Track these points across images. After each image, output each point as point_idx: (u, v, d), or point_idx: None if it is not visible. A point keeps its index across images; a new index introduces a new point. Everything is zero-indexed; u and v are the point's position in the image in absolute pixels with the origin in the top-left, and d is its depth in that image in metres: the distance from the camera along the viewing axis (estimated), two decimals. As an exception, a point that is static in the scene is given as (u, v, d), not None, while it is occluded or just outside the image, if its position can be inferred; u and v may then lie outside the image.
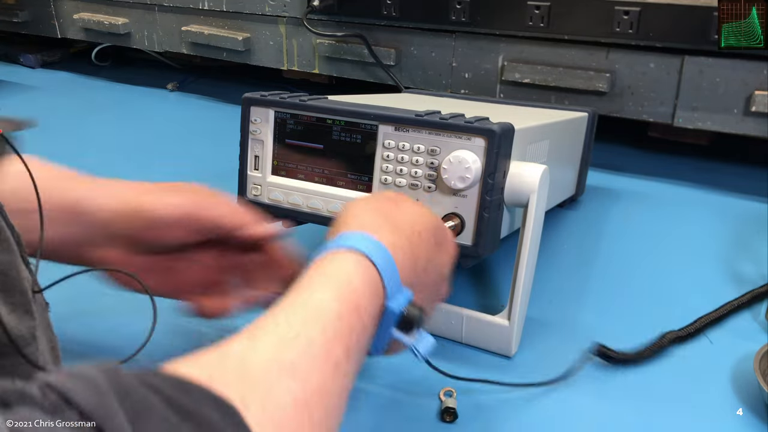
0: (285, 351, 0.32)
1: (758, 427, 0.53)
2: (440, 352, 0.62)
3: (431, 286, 0.48)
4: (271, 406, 0.29)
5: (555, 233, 0.85)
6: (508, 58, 1.07)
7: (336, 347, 0.35)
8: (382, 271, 0.40)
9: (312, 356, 0.33)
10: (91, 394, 0.24)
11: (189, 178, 0.56)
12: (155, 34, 1.48)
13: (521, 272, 0.59)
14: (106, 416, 0.24)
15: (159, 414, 0.25)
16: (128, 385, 0.26)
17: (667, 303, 0.70)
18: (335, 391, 0.34)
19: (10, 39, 1.86)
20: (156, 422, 0.25)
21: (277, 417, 0.29)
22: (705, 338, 0.64)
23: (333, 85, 1.48)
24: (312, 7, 1.18)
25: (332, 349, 0.34)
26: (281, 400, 0.30)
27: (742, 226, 0.87)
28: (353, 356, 0.36)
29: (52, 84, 1.63)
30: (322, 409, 0.32)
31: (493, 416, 0.54)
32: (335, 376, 0.34)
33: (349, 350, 0.36)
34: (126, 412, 0.24)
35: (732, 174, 1.05)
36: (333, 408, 0.34)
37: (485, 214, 0.56)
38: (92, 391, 0.24)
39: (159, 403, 0.26)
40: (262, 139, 0.65)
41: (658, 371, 0.60)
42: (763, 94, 0.89)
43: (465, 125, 0.56)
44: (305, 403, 0.31)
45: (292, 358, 0.32)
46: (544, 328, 0.65)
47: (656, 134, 1.13)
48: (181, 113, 1.42)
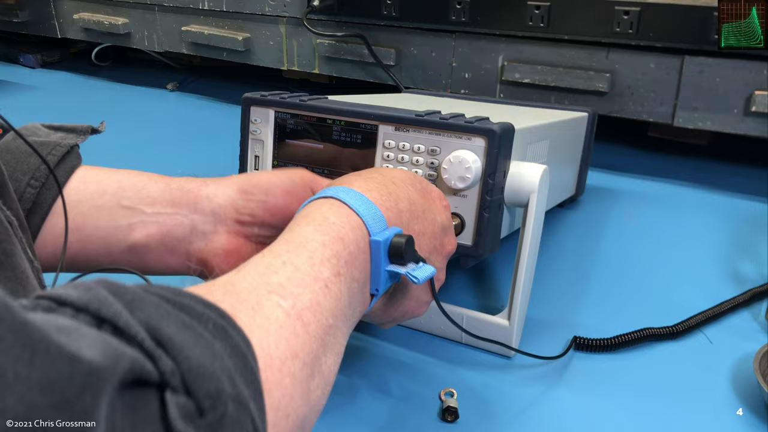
0: (272, 275, 0.33)
1: (758, 427, 0.53)
2: (440, 352, 0.62)
3: (429, 234, 0.48)
4: (260, 317, 0.30)
5: (555, 233, 0.85)
6: (508, 58, 1.07)
7: (324, 270, 0.36)
8: (356, 209, 0.41)
9: (300, 278, 0.34)
10: (83, 292, 0.24)
11: (189, 178, 0.56)
12: (155, 34, 1.48)
13: (521, 272, 0.59)
14: (101, 305, 0.24)
15: (153, 302, 0.26)
16: (120, 286, 0.26)
17: (667, 303, 0.70)
18: (329, 309, 0.35)
19: (10, 39, 1.86)
20: (151, 307, 0.25)
21: (266, 325, 0.30)
22: (705, 339, 0.64)
23: (333, 85, 1.48)
24: (312, 7, 1.18)
25: (320, 272, 0.35)
26: (271, 312, 0.31)
27: (742, 226, 0.87)
28: (344, 281, 0.37)
29: (52, 84, 1.64)
30: (317, 324, 0.33)
31: (494, 416, 0.54)
32: (327, 296, 0.35)
33: (339, 274, 0.36)
34: (121, 302, 0.24)
35: (732, 174, 1.05)
36: (329, 327, 0.34)
37: (485, 214, 0.56)
38: (84, 289, 0.24)
39: (153, 297, 0.26)
40: (262, 139, 0.66)
41: (658, 371, 0.60)
42: (763, 94, 0.89)
43: (465, 125, 0.56)
44: (297, 316, 0.32)
45: (279, 280, 0.33)
46: (544, 328, 0.65)
47: (656, 134, 1.14)
48: (181, 113, 1.42)
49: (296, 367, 0.31)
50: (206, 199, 0.51)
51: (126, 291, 0.25)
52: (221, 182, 0.53)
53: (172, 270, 0.52)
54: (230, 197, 0.52)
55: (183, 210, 0.51)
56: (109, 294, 0.24)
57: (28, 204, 0.47)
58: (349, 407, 0.55)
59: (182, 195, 0.51)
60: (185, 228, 0.51)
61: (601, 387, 0.58)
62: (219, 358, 0.26)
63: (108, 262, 0.50)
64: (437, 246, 0.49)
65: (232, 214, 0.51)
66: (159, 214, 0.50)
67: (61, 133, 0.52)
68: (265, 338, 0.30)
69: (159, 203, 0.51)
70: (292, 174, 0.53)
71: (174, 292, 0.27)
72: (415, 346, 0.62)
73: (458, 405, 0.54)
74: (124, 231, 0.50)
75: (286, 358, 0.30)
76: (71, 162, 0.51)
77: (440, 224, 0.49)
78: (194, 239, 0.51)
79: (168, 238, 0.51)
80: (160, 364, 0.23)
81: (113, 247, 0.50)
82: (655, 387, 0.58)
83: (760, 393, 0.55)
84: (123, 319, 0.24)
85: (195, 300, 0.28)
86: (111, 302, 0.24)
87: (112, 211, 0.50)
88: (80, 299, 0.23)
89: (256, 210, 0.51)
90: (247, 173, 0.54)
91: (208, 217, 0.51)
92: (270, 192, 0.52)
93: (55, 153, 0.49)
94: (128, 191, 0.50)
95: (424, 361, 0.61)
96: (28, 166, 0.48)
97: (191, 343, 0.25)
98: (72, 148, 0.51)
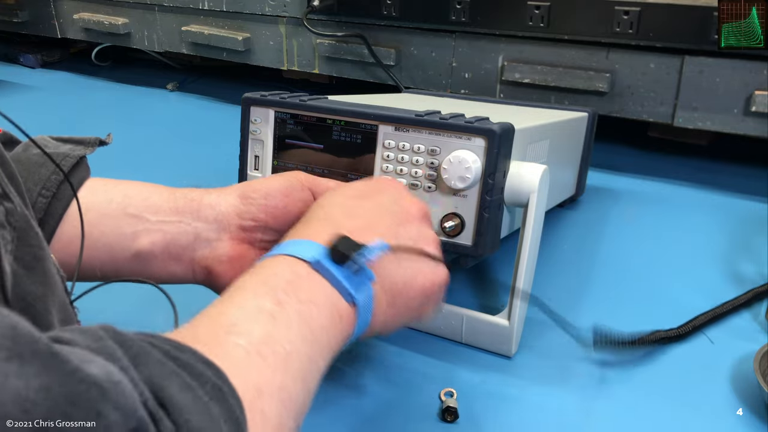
0: (222, 318, 0.35)
1: (758, 427, 0.53)
2: (440, 352, 0.62)
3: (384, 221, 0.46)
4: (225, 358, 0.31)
5: (555, 233, 0.85)
6: (508, 58, 1.07)
7: (264, 302, 0.36)
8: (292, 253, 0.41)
9: (245, 315, 0.35)
10: (92, 341, 0.25)
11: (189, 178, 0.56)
12: (155, 34, 1.48)
13: (521, 272, 0.59)
14: (110, 357, 0.24)
15: (157, 358, 0.27)
16: (126, 337, 0.27)
17: (667, 303, 0.70)
18: (283, 338, 0.35)
19: (10, 39, 1.86)
20: (155, 364, 0.26)
21: (233, 366, 0.31)
22: (706, 339, 0.64)
23: (333, 85, 1.48)
24: (312, 7, 1.18)
25: (262, 305, 0.36)
26: (232, 351, 0.32)
27: (742, 226, 0.87)
28: (290, 306, 0.37)
29: (52, 84, 1.63)
30: (274, 355, 0.34)
31: (494, 416, 0.54)
32: (277, 325, 0.35)
33: (280, 302, 0.37)
34: (126, 357, 0.25)
35: (732, 174, 1.05)
36: (288, 354, 0.35)
37: (485, 214, 0.56)
38: (93, 338, 0.25)
39: (157, 353, 0.27)
40: (262, 139, 0.66)
41: (658, 371, 0.60)
42: (763, 94, 0.89)
43: (465, 125, 0.56)
44: (257, 352, 0.33)
45: (231, 321, 0.34)
46: (544, 328, 0.65)
47: (656, 134, 1.14)
48: (181, 113, 1.42)
49: (264, 404, 0.31)
50: (209, 207, 0.52)
51: (132, 343, 0.26)
52: (223, 191, 0.53)
53: (176, 278, 0.52)
54: (232, 204, 0.52)
55: (186, 218, 0.51)
56: (117, 346, 0.25)
57: (39, 213, 0.48)
58: (349, 407, 0.55)
59: (186, 203, 0.52)
60: (189, 236, 0.51)
61: (601, 387, 0.58)
62: (216, 423, 0.27)
63: (113, 269, 0.51)
64: (398, 222, 0.47)
65: (235, 220, 0.52)
66: (163, 222, 0.51)
67: (70, 145, 0.53)
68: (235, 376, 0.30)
69: (163, 211, 0.51)
70: (289, 176, 0.54)
71: (175, 347, 0.28)
72: (415, 346, 0.62)
73: (458, 405, 0.54)
74: (128, 239, 0.50)
75: (254, 398, 0.31)
76: (81, 173, 0.52)
77: (408, 215, 0.48)
78: (198, 247, 0.52)
79: (172, 246, 0.51)
80: (161, 426, 0.24)
81: (118, 255, 0.51)
82: (654, 387, 0.58)
83: (760, 393, 0.55)
84: (129, 376, 0.24)
85: (194, 357, 0.29)
86: (119, 356, 0.25)
87: (118, 219, 0.51)
88: (88, 349, 0.25)
89: (258, 213, 0.52)
90: (247, 181, 0.55)
91: (212, 224, 0.52)
92: (269, 194, 0.52)
93: (65, 164, 0.50)
94: (134, 200, 0.51)
95: (424, 361, 0.61)
96: (39, 176, 0.49)
97: (191, 406, 0.26)
98: (81, 159, 0.52)
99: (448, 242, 0.58)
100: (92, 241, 0.50)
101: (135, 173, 0.58)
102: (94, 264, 0.50)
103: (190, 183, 0.55)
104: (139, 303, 0.53)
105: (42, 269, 0.34)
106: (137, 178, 0.54)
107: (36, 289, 0.33)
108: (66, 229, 0.49)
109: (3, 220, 0.32)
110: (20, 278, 0.32)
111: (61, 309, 0.36)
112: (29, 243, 0.33)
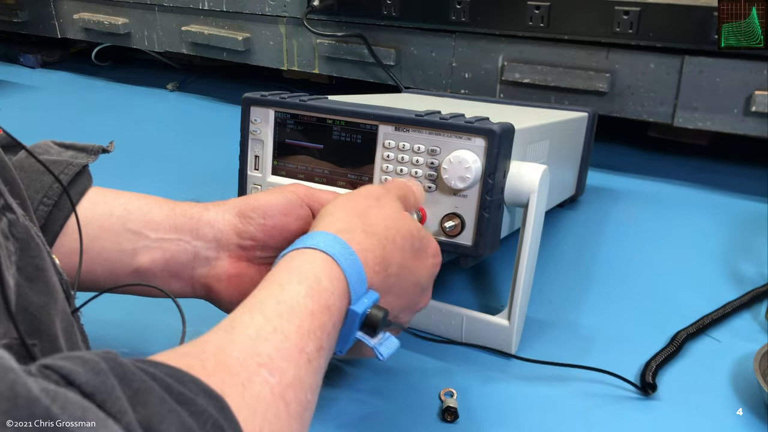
0: (262, 345, 0.33)
1: (758, 427, 0.53)
2: (440, 352, 0.62)
3: (407, 295, 0.48)
4: (249, 395, 0.30)
5: (555, 233, 0.85)
6: (508, 58, 1.07)
7: (309, 343, 0.35)
8: (347, 275, 0.40)
9: (287, 350, 0.34)
10: (92, 375, 0.24)
11: (189, 178, 0.56)
12: (155, 34, 1.48)
13: (521, 272, 0.59)
14: (108, 396, 0.24)
15: (158, 396, 0.26)
16: (127, 370, 0.26)
17: (667, 303, 0.70)
18: (309, 386, 0.35)
19: (10, 39, 1.86)
20: (155, 404, 0.26)
21: (254, 405, 0.30)
22: (706, 338, 0.64)
23: (333, 85, 1.48)
24: (312, 7, 1.18)
25: (305, 345, 0.35)
26: (259, 390, 0.31)
27: (742, 226, 0.87)
28: (324, 353, 0.37)
29: (52, 84, 1.63)
30: (298, 402, 0.33)
31: (494, 416, 0.54)
32: (308, 371, 0.35)
33: (321, 348, 0.36)
34: (126, 394, 0.25)
35: (732, 174, 1.05)
36: (308, 403, 0.34)
37: (485, 214, 0.56)
38: (93, 372, 0.25)
39: (157, 388, 0.26)
40: (262, 139, 0.66)
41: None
42: (763, 94, 0.89)
43: (465, 125, 0.56)
44: (281, 395, 0.32)
45: (269, 352, 0.33)
46: (544, 328, 0.65)
47: (656, 134, 1.13)
48: (181, 113, 1.42)
49: None
50: (208, 225, 0.52)
51: (133, 377, 0.26)
52: (221, 207, 0.53)
53: (176, 294, 0.52)
54: (230, 222, 0.52)
55: (186, 236, 0.51)
56: (117, 381, 0.25)
57: (40, 222, 0.48)
58: (349, 407, 0.55)
59: (185, 221, 0.52)
60: (188, 254, 0.51)
61: (599, 387, 0.58)
62: None
63: (113, 283, 0.51)
64: (410, 305, 0.49)
65: (234, 239, 0.52)
66: (162, 240, 0.51)
67: (73, 152, 0.53)
68: (251, 418, 0.30)
69: (163, 228, 0.51)
70: (287, 193, 0.53)
71: (178, 379, 0.28)
72: (415, 346, 0.62)
73: (458, 405, 0.54)
74: (128, 255, 0.50)
75: None
76: (83, 183, 0.51)
77: (420, 284, 0.49)
78: (197, 265, 0.52)
79: (172, 264, 0.51)
80: None
81: (118, 271, 0.51)
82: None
83: (760, 393, 0.55)
84: (125, 420, 0.24)
85: (197, 389, 0.28)
86: (117, 396, 0.24)
87: (118, 234, 0.50)
88: (87, 385, 0.24)
89: (257, 233, 0.52)
90: (246, 196, 0.55)
91: (211, 243, 0.52)
92: (268, 214, 0.52)
93: (67, 172, 0.50)
94: (134, 214, 0.51)
95: (423, 361, 0.61)
96: (41, 184, 0.48)
97: None
98: (83, 168, 0.52)
99: (448, 242, 0.58)
100: (92, 256, 0.50)
101: (135, 173, 0.58)
102: (94, 277, 0.51)
103: (190, 183, 0.55)
104: (140, 303, 0.53)
105: (44, 279, 0.34)
106: (137, 177, 0.54)
107: (38, 299, 0.33)
108: (66, 241, 0.49)
109: (6, 231, 0.32)
110: (23, 289, 0.32)
111: (64, 317, 0.36)
112: (30, 254, 0.33)
